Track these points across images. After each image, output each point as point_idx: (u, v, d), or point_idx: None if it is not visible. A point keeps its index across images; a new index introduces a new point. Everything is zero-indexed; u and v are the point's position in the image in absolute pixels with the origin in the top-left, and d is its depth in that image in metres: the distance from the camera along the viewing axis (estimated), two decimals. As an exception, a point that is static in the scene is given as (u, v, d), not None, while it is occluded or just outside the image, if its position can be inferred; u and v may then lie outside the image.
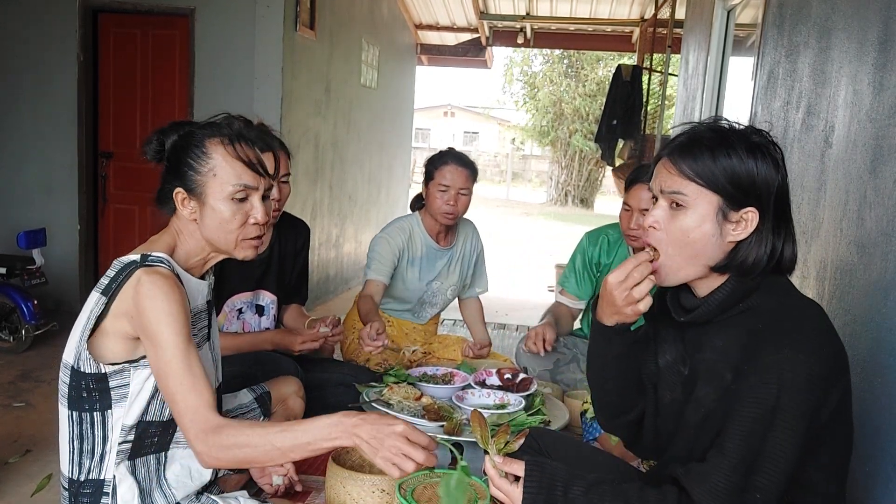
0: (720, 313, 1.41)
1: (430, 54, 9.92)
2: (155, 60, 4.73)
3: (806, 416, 1.27)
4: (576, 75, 19.32)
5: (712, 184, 1.34)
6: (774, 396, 1.27)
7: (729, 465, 1.30)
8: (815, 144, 2.40)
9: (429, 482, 1.82)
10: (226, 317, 2.58)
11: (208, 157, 1.57)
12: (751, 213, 1.35)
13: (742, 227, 1.36)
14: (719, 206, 1.35)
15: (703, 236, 1.36)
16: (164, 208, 1.64)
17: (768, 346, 1.30)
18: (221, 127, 1.61)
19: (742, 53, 4.32)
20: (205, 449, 1.41)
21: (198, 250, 1.63)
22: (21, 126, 4.75)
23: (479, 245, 3.28)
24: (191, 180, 1.57)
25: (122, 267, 1.53)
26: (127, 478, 1.56)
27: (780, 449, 1.27)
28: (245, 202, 1.60)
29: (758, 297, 1.39)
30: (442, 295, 3.16)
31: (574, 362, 2.92)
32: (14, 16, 4.67)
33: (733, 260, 1.37)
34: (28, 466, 2.48)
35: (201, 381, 1.45)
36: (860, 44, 2.08)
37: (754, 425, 1.28)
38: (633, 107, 7.07)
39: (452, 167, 2.91)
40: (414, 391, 2.45)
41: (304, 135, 5.09)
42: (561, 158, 19.61)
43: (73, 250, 4.79)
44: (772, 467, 1.27)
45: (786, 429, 1.27)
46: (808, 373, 1.27)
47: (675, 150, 1.37)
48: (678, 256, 1.38)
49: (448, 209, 2.91)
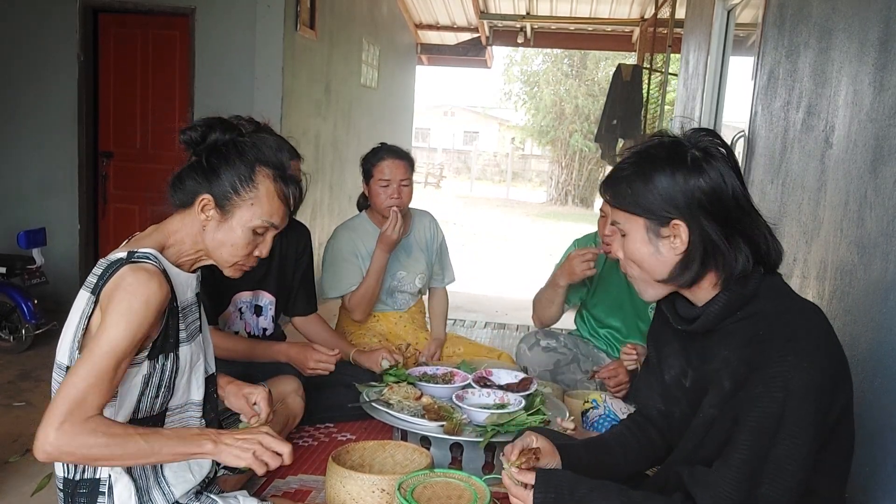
0: (720, 322, 1.42)
1: (430, 54, 9.93)
2: (155, 60, 4.72)
3: (812, 425, 1.27)
4: (577, 75, 19.32)
5: (632, 208, 1.43)
6: (780, 405, 1.27)
7: (735, 475, 1.30)
8: (816, 144, 2.40)
9: (429, 482, 1.82)
10: (230, 315, 2.58)
11: (254, 187, 1.58)
12: (677, 225, 1.39)
13: (679, 241, 1.39)
14: (647, 227, 1.42)
15: (646, 256, 1.44)
16: (175, 199, 1.62)
17: (772, 355, 1.30)
18: (271, 156, 1.61)
19: (742, 53, 4.32)
20: (54, 438, 1.36)
21: (192, 251, 1.63)
22: (21, 126, 4.75)
23: (440, 235, 3.31)
24: (226, 196, 1.57)
25: (108, 265, 1.52)
26: (123, 476, 1.56)
27: (787, 458, 1.27)
28: (260, 235, 1.63)
29: (757, 303, 1.39)
30: (410, 283, 3.16)
31: (574, 362, 2.92)
32: (14, 16, 4.66)
33: (685, 272, 1.41)
34: (28, 466, 2.48)
35: (107, 386, 1.42)
36: (860, 44, 2.08)
37: (760, 434, 1.28)
38: (633, 106, 7.07)
39: (390, 161, 2.95)
40: (414, 391, 2.45)
41: (304, 135, 5.09)
42: (561, 158, 19.61)
43: (74, 250, 4.79)
44: (779, 477, 1.27)
45: (792, 437, 1.26)
46: (812, 381, 1.27)
47: (603, 186, 1.51)
48: (639, 276, 1.49)
49: (393, 202, 2.94)
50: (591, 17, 8.74)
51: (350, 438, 2.64)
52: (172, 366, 1.58)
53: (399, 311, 3.19)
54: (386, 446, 2.20)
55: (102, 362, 1.41)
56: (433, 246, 3.27)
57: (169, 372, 1.57)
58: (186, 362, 1.63)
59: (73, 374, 1.41)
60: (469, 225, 13.15)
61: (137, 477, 1.59)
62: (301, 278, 2.75)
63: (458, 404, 2.35)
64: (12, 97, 4.72)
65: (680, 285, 1.44)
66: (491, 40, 9.57)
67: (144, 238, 1.60)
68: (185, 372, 1.63)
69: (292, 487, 2.25)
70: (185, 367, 1.62)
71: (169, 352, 1.57)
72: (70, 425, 1.37)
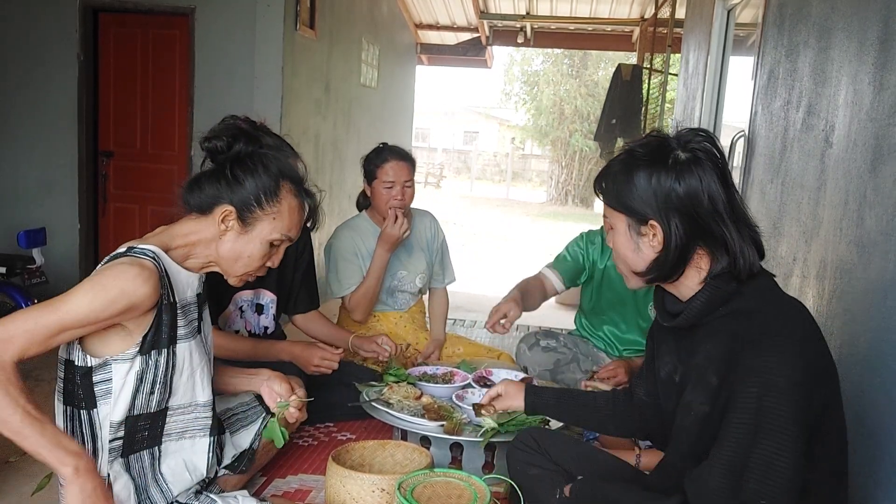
0: (702, 317, 1.44)
1: (431, 54, 9.92)
2: (155, 60, 4.72)
3: (794, 421, 1.27)
4: (577, 75, 19.32)
5: (615, 204, 1.51)
6: (757, 399, 1.28)
7: (721, 470, 1.31)
8: (816, 144, 2.40)
9: (429, 482, 1.82)
10: (230, 314, 2.58)
11: (278, 201, 1.61)
12: (653, 225, 1.43)
13: (656, 240, 1.44)
14: (628, 223, 1.49)
15: (628, 251, 1.51)
16: (191, 203, 1.62)
17: (750, 351, 1.32)
18: (293, 170, 1.65)
19: (742, 53, 4.32)
20: None
21: (203, 257, 1.64)
22: (21, 125, 4.75)
23: (441, 235, 3.32)
24: (250, 209, 1.59)
25: (109, 258, 1.54)
26: (122, 475, 1.56)
27: (774, 454, 1.27)
28: (274, 248, 1.65)
29: (740, 300, 1.41)
30: (411, 283, 3.16)
31: (574, 362, 2.92)
32: (14, 15, 4.66)
33: (661, 268, 1.45)
34: (28, 466, 2.48)
35: (38, 341, 1.39)
36: (860, 43, 2.08)
37: (742, 430, 1.29)
38: (632, 106, 7.07)
39: (394, 163, 2.95)
40: (414, 391, 2.45)
41: (304, 134, 5.09)
42: (561, 158, 19.61)
43: (74, 250, 4.79)
44: (769, 473, 1.27)
45: (775, 432, 1.27)
46: (790, 376, 1.28)
47: (595, 183, 1.58)
48: (623, 267, 1.56)
49: (397, 203, 2.95)
50: (591, 17, 8.74)
51: (350, 438, 2.64)
52: (168, 362, 1.58)
53: (399, 311, 3.19)
54: (386, 446, 2.20)
55: (49, 318, 1.40)
56: (434, 245, 3.27)
57: (164, 368, 1.57)
58: (185, 360, 1.62)
59: (21, 313, 1.40)
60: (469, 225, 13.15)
61: (136, 475, 1.59)
62: (302, 276, 2.75)
63: (458, 404, 2.35)
64: (12, 97, 4.72)
65: (658, 280, 1.50)
66: (491, 40, 9.57)
67: (152, 237, 1.60)
68: (185, 371, 1.63)
69: (292, 487, 2.25)
70: (183, 365, 1.62)
71: (163, 348, 1.56)
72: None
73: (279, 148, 1.69)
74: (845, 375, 1.93)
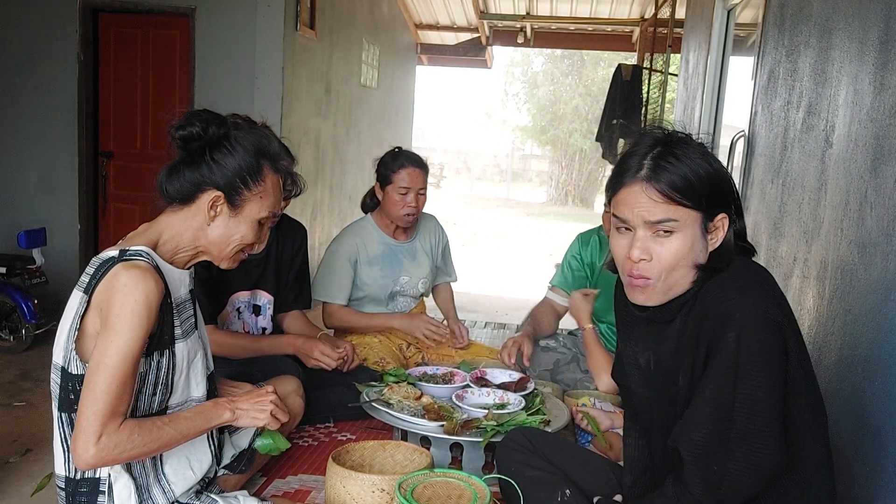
0: (680, 308, 1.42)
1: (431, 54, 9.93)
2: (155, 60, 4.73)
3: (769, 361, 1.27)
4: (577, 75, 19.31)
5: (696, 202, 1.33)
6: (734, 341, 1.27)
7: (705, 414, 1.30)
8: (816, 144, 2.40)
9: (429, 482, 1.82)
10: (228, 315, 2.58)
11: (262, 181, 1.61)
12: (722, 219, 1.38)
13: (717, 236, 1.38)
14: (701, 223, 1.35)
15: (692, 255, 1.35)
16: (171, 195, 1.61)
17: (717, 299, 1.32)
18: (270, 147, 1.65)
19: (742, 53, 4.32)
20: (95, 451, 1.41)
21: (190, 248, 1.63)
22: (21, 126, 4.75)
23: (444, 238, 3.32)
24: (237, 192, 1.59)
25: (100, 263, 1.51)
26: (123, 475, 1.55)
27: (753, 395, 1.26)
28: (262, 227, 1.66)
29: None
30: (413, 287, 3.16)
31: (574, 362, 2.92)
32: (14, 15, 4.67)
33: (721, 256, 1.39)
34: (28, 466, 2.48)
35: (129, 389, 1.45)
36: (861, 43, 2.08)
37: (722, 374, 1.28)
38: (633, 106, 7.07)
39: (411, 169, 2.93)
40: (414, 391, 2.45)
41: (304, 134, 5.09)
42: (561, 158, 19.60)
43: (74, 250, 4.80)
44: (754, 413, 1.26)
45: (753, 373, 1.26)
46: (762, 313, 1.28)
47: (652, 176, 1.33)
48: (669, 279, 1.37)
49: (410, 210, 2.94)
50: (591, 18, 8.74)
51: (350, 438, 2.64)
52: (169, 363, 1.58)
53: (400, 313, 3.19)
54: (386, 446, 2.20)
55: (119, 370, 1.43)
56: (437, 249, 3.26)
57: (166, 369, 1.57)
58: (183, 359, 1.62)
59: (95, 386, 1.42)
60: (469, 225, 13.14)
61: (137, 475, 1.58)
62: (294, 276, 2.75)
63: (458, 404, 2.35)
64: (12, 97, 4.72)
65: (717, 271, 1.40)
66: (491, 40, 9.57)
67: (137, 236, 1.59)
68: (183, 369, 1.63)
69: (292, 487, 2.25)
70: (182, 364, 1.62)
71: (164, 349, 1.56)
72: (107, 437, 1.42)
73: (250, 125, 1.68)
74: (846, 376, 1.93)
